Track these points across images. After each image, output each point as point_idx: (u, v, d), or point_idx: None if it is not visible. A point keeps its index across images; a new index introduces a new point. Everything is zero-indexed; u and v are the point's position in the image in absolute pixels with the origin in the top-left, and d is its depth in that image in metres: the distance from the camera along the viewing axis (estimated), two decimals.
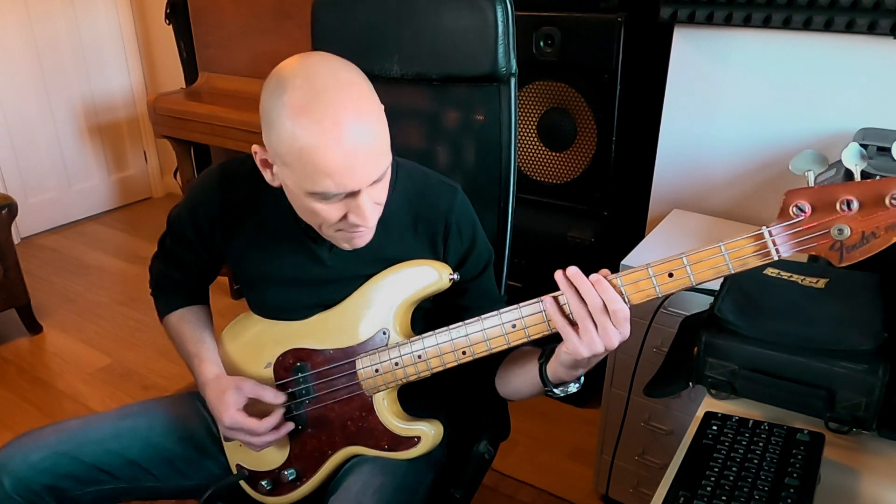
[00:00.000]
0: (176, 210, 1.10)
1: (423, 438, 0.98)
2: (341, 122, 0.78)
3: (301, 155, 0.80)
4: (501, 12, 1.11)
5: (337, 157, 0.79)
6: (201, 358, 1.07)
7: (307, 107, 0.78)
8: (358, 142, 0.80)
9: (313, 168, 0.80)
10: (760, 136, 1.67)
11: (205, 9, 2.87)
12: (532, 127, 1.95)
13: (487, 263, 1.06)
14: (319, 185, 0.81)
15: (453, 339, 0.91)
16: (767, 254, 0.73)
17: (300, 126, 0.78)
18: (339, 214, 0.86)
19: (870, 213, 0.69)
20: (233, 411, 0.98)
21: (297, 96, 0.79)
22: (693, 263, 0.76)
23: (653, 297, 0.79)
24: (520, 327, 0.86)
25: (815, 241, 0.71)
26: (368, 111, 0.81)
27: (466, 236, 1.03)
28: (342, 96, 0.79)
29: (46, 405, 2.23)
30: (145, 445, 1.05)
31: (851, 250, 0.70)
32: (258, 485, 1.06)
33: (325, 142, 0.78)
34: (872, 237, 0.69)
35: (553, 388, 0.90)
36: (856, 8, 1.41)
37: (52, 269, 3.14)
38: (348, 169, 0.80)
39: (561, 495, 1.83)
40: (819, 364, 0.85)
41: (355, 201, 0.84)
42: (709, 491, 0.75)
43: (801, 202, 0.71)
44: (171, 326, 1.15)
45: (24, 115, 3.34)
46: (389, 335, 0.97)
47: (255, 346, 1.06)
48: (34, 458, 0.98)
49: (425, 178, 1.05)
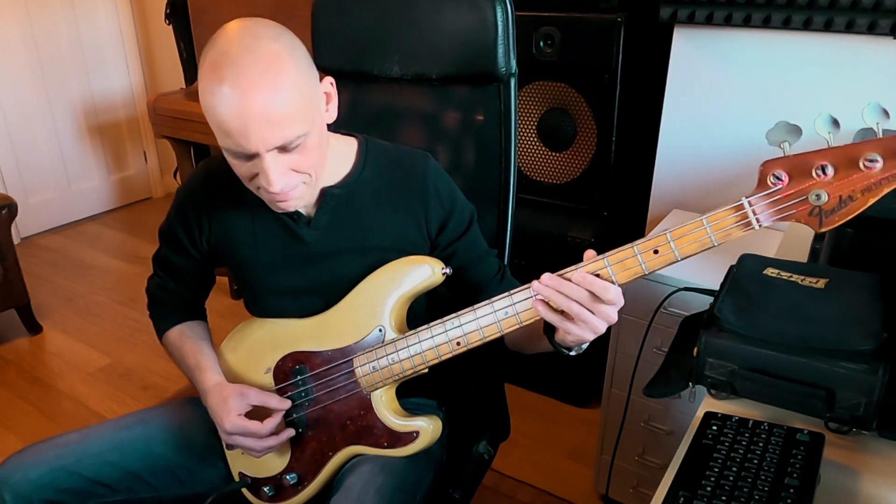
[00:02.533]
0: (165, 220, 1.11)
1: (421, 433, 0.98)
2: (241, 86, 0.80)
3: (209, 110, 0.83)
4: (501, 12, 1.11)
5: (233, 117, 0.81)
6: (201, 368, 1.07)
7: (217, 65, 0.81)
8: (255, 108, 0.81)
9: (217, 125, 0.83)
10: (760, 136, 1.66)
11: (205, 9, 2.87)
12: (532, 127, 1.95)
13: (471, 220, 1.06)
14: (222, 140, 0.85)
15: (447, 330, 0.92)
16: (748, 224, 0.74)
17: (209, 82, 0.82)
18: (250, 173, 0.89)
19: (845, 177, 0.70)
20: (234, 416, 0.98)
21: (216, 54, 0.82)
22: (677, 238, 0.78)
23: (640, 274, 0.80)
24: (512, 314, 0.88)
25: (793, 208, 0.73)
26: (274, 81, 0.81)
27: (446, 198, 1.03)
28: (250, 61, 0.81)
29: (46, 405, 2.23)
30: (144, 456, 1.05)
31: (830, 215, 0.72)
32: (260, 491, 1.06)
33: (224, 102, 0.81)
34: (850, 200, 0.71)
35: (567, 351, 0.92)
36: (856, 8, 1.41)
37: (52, 269, 3.14)
38: (243, 130, 0.82)
39: (561, 495, 1.83)
40: (819, 364, 0.85)
41: (260, 163, 0.86)
42: (709, 491, 0.75)
43: (778, 171, 0.73)
44: (171, 343, 1.15)
45: (24, 115, 3.34)
46: (385, 332, 0.98)
47: (254, 354, 1.06)
48: (34, 475, 0.98)
49: (396, 150, 1.07)
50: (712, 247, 0.77)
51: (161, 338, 1.18)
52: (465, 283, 1.05)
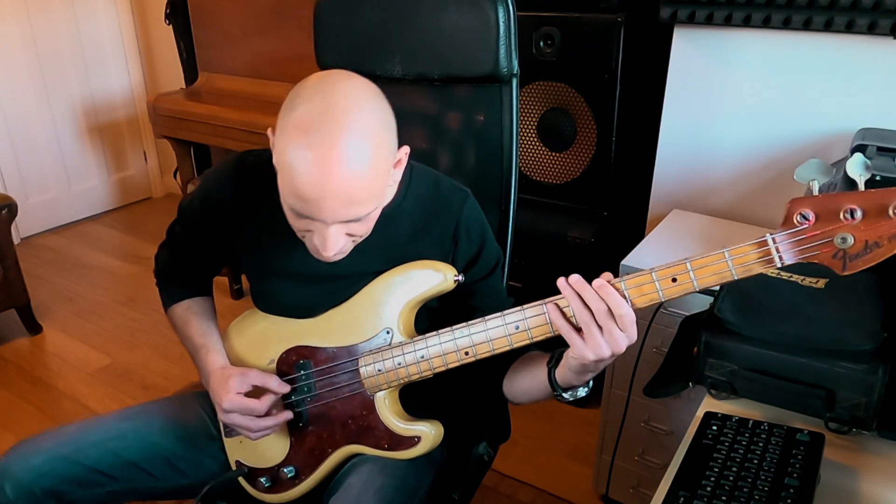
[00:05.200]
0: (188, 198, 1.10)
1: (423, 438, 0.98)
2: (329, 159, 0.78)
3: (287, 167, 0.81)
4: (503, 12, 1.11)
5: (313, 188, 0.79)
6: (208, 349, 1.07)
7: (309, 129, 0.79)
8: (338, 185, 0.79)
9: (291, 184, 0.81)
10: (760, 136, 1.67)
11: (205, 9, 2.87)
12: (532, 127, 1.95)
13: (496, 265, 1.07)
14: (290, 199, 0.83)
15: (456, 339, 0.91)
16: (771, 261, 0.73)
17: (294, 143, 0.79)
18: (305, 228, 0.87)
19: (873, 223, 0.69)
20: (233, 394, 0.98)
21: (307, 114, 0.80)
22: (696, 269, 0.76)
23: (656, 301, 0.79)
24: (523, 329, 0.86)
25: (818, 249, 0.71)
26: (362, 160, 0.80)
27: (475, 239, 1.03)
28: (343, 135, 0.79)
29: (46, 405, 2.23)
30: (144, 446, 1.05)
31: (854, 259, 0.70)
32: (257, 482, 1.07)
33: (305, 169, 0.79)
34: (876, 246, 0.69)
35: (562, 392, 0.91)
36: (856, 8, 1.41)
37: (52, 269, 3.14)
38: (319, 203, 0.81)
39: (561, 495, 1.83)
40: (819, 364, 0.85)
41: (323, 230, 0.85)
42: (709, 491, 0.75)
43: (806, 210, 0.71)
44: (177, 317, 1.15)
45: (24, 115, 3.34)
46: (393, 334, 0.97)
47: (259, 343, 1.06)
48: (34, 463, 0.98)
49: (437, 182, 1.05)
50: (732, 280, 0.76)
51: (166, 309, 1.18)
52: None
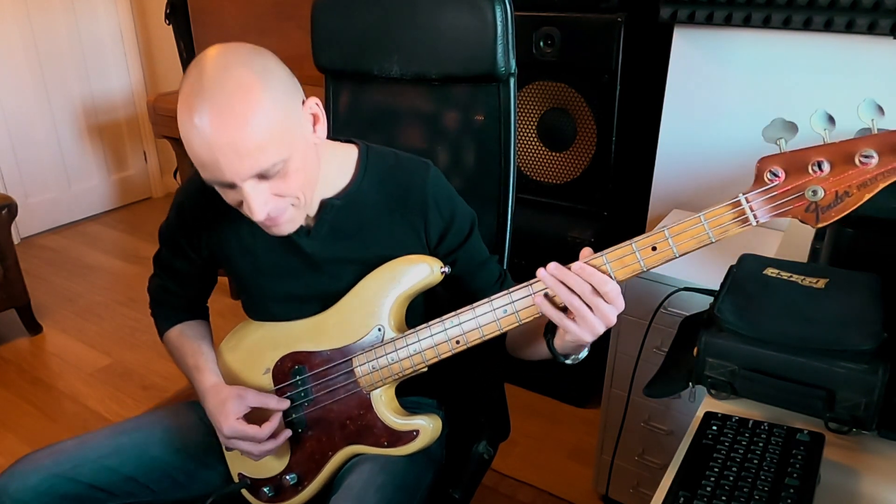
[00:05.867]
0: (165, 221, 1.11)
1: (421, 432, 0.98)
2: (209, 119, 0.79)
3: (185, 141, 0.83)
4: (501, 12, 1.11)
5: (203, 149, 0.81)
6: (199, 368, 1.07)
7: (188, 97, 0.81)
8: (222, 140, 0.80)
9: (192, 156, 0.83)
10: (760, 135, 1.67)
11: (205, 9, 2.87)
12: (532, 127, 1.95)
13: (471, 228, 1.05)
14: (202, 174, 0.85)
15: (447, 329, 0.92)
16: (746, 220, 0.75)
17: (182, 113, 0.82)
18: (235, 201, 0.88)
19: (841, 173, 0.71)
20: (233, 420, 0.98)
21: (187, 85, 0.82)
22: (675, 235, 0.78)
23: (638, 271, 0.81)
24: (511, 312, 0.88)
25: (790, 204, 0.74)
26: (241, 113, 0.80)
27: (445, 209, 1.02)
28: (218, 92, 0.80)
29: (46, 405, 2.23)
30: (142, 460, 1.04)
31: (826, 210, 0.72)
32: (260, 492, 1.06)
33: (194, 135, 0.80)
34: (846, 196, 0.71)
35: (564, 359, 0.93)
36: (856, 8, 1.41)
37: (52, 269, 3.14)
38: (214, 163, 0.81)
39: (561, 495, 1.83)
40: (819, 364, 0.85)
41: (242, 193, 0.85)
42: (709, 491, 0.75)
43: (775, 167, 0.74)
44: (171, 342, 1.15)
45: (24, 115, 3.34)
46: (384, 331, 0.98)
47: (253, 354, 1.06)
48: (32, 482, 0.97)
49: (396, 158, 1.05)
50: (710, 243, 0.77)
51: (162, 337, 1.18)
52: (465, 291, 1.04)
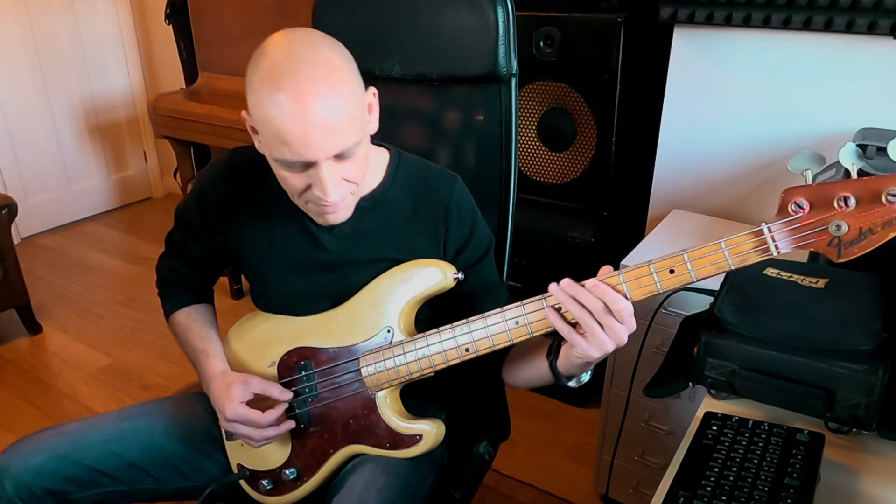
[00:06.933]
0: (183, 201, 1.12)
1: (424, 437, 0.98)
2: (303, 93, 0.81)
3: (266, 120, 0.83)
4: (502, 12, 1.11)
5: (294, 126, 0.82)
6: (207, 354, 1.07)
7: (276, 75, 0.82)
8: (317, 114, 0.82)
9: (275, 134, 0.83)
10: (760, 135, 1.67)
11: (205, 9, 2.87)
12: (532, 127, 1.95)
13: (488, 249, 1.07)
14: (278, 151, 0.85)
15: (456, 336, 0.91)
16: (767, 250, 0.74)
17: (267, 92, 0.82)
18: (303, 184, 0.89)
19: (867, 210, 0.70)
20: (236, 403, 0.98)
21: (271, 64, 0.83)
22: (694, 260, 0.77)
23: (654, 293, 0.80)
24: (523, 324, 0.87)
25: (813, 237, 0.73)
26: (334, 88, 0.83)
27: (466, 223, 1.04)
28: (310, 70, 0.82)
29: (46, 405, 2.23)
30: (146, 447, 1.05)
31: (849, 246, 0.72)
32: (259, 484, 1.06)
33: (284, 110, 0.81)
34: (870, 233, 0.71)
35: (566, 381, 0.92)
36: (856, 8, 1.41)
37: (52, 269, 3.14)
38: (304, 139, 0.83)
39: (561, 495, 1.83)
40: (819, 364, 0.85)
41: (316, 173, 0.87)
42: (709, 491, 0.75)
43: (800, 199, 0.73)
44: (178, 324, 1.15)
45: (24, 115, 3.34)
46: (394, 333, 0.98)
47: (260, 345, 1.06)
48: (35, 462, 0.97)
49: (426, 168, 1.07)
50: (729, 270, 0.77)
51: (168, 318, 1.18)
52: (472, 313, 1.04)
